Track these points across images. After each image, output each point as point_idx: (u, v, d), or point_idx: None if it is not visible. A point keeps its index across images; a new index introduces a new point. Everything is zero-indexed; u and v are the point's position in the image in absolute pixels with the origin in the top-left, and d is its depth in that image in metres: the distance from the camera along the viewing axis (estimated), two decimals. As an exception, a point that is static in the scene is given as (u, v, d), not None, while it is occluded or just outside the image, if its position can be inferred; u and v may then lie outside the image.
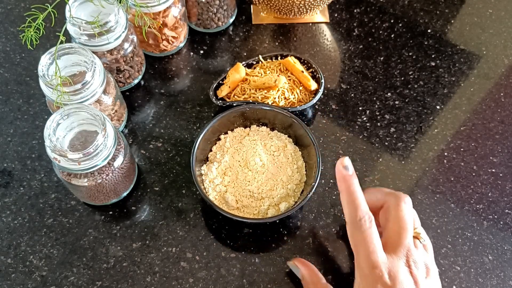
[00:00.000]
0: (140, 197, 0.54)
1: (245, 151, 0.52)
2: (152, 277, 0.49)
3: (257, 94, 0.56)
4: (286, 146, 0.54)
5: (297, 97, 0.57)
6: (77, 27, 0.51)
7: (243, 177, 0.51)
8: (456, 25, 0.67)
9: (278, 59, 0.60)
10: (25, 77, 0.62)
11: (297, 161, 0.53)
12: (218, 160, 0.53)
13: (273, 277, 0.50)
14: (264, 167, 0.51)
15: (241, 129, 0.55)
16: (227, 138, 0.54)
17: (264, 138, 0.54)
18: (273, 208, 0.50)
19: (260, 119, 0.55)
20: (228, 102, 0.57)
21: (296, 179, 0.52)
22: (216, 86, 0.58)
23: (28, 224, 0.52)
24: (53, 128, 0.45)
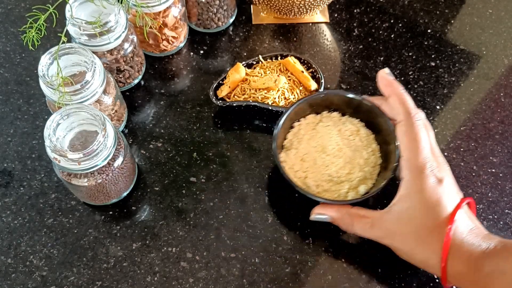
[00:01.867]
0: (140, 197, 0.54)
1: (320, 137, 0.53)
2: (152, 277, 0.49)
3: (257, 94, 0.56)
4: (359, 130, 0.54)
5: (297, 97, 0.57)
6: (77, 27, 0.51)
7: (321, 162, 0.51)
8: (456, 25, 0.67)
9: (278, 59, 0.60)
10: (25, 77, 0.62)
11: (371, 144, 0.53)
12: (295, 147, 0.53)
13: (273, 277, 0.50)
14: (341, 151, 0.52)
15: (313, 116, 0.56)
16: (301, 126, 0.55)
17: (337, 123, 0.54)
18: (352, 191, 0.51)
19: (330, 105, 0.55)
20: (228, 102, 0.57)
21: (372, 161, 0.52)
22: (216, 86, 0.58)
23: (28, 224, 0.52)
24: (53, 128, 0.45)
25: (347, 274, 0.50)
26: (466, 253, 0.43)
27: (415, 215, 0.45)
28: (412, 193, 0.45)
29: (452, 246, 0.43)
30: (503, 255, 0.42)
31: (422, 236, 0.44)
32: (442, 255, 0.43)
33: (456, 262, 0.43)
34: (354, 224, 0.48)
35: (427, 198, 0.44)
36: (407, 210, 0.45)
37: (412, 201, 0.45)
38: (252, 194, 0.54)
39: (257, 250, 0.51)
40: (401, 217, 0.45)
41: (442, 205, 0.44)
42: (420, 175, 0.45)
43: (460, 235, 0.43)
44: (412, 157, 0.46)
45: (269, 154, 0.57)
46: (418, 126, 0.47)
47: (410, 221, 0.45)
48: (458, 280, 0.44)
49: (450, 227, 0.43)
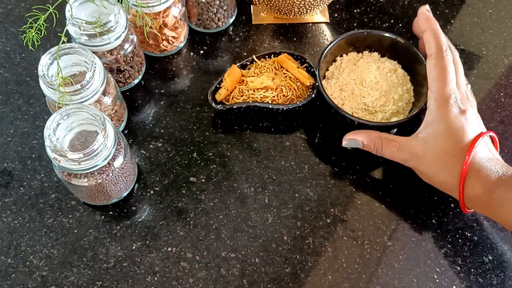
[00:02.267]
0: (140, 197, 0.54)
1: (360, 71, 0.57)
2: (152, 277, 0.49)
3: (255, 94, 0.56)
4: (396, 70, 0.58)
5: (296, 93, 0.57)
6: (77, 27, 0.51)
7: (358, 92, 0.56)
8: (456, 25, 0.67)
9: (272, 58, 0.60)
10: (25, 77, 0.62)
11: (406, 84, 0.57)
12: (336, 77, 0.58)
13: (273, 277, 0.50)
14: (378, 84, 0.55)
15: (355, 53, 0.60)
16: (343, 60, 0.59)
17: (376, 61, 0.58)
18: (385, 122, 0.55)
19: (372, 45, 0.59)
20: (228, 105, 0.57)
21: (405, 98, 0.56)
22: (214, 90, 0.58)
23: (28, 224, 0.52)
24: (53, 128, 0.45)
25: (347, 274, 0.50)
26: (484, 177, 0.46)
27: (438, 141, 0.48)
28: (436, 120, 0.49)
29: (471, 170, 0.47)
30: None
31: (444, 160, 0.48)
32: (460, 177, 0.47)
33: (473, 185, 0.47)
34: (383, 147, 0.52)
35: (450, 125, 0.48)
36: (432, 136, 0.49)
37: (436, 128, 0.49)
38: (252, 194, 0.54)
39: (257, 250, 0.51)
40: (426, 142, 0.49)
41: (464, 133, 0.48)
42: (445, 105, 0.49)
43: (479, 161, 0.47)
44: (439, 88, 0.49)
45: (269, 154, 0.57)
46: (448, 61, 0.50)
47: (434, 146, 0.49)
48: (474, 202, 0.48)
49: (470, 152, 0.47)
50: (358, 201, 0.54)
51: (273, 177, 0.55)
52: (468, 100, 0.50)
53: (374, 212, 0.53)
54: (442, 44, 0.51)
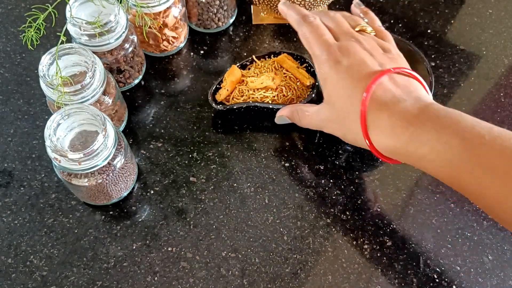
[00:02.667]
0: (140, 197, 0.54)
1: None
2: (152, 277, 0.50)
3: (255, 94, 0.56)
4: None
5: (296, 93, 0.57)
6: (77, 27, 0.51)
7: None
8: (456, 25, 0.67)
9: (272, 57, 0.60)
10: (25, 77, 0.62)
11: None
12: None
13: (273, 277, 0.50)
14: None
15: None
16: None
17: None
18: None
19: None
20: (228, 106, 0.57)
21: None
22: (214, 90, 0.58)
23: (29, 224, 0.52)
24: (53, 128, 0.45)
25: (347, 274, 0.50)
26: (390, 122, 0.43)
27: (335, 100, 0.47)
28: (323, 82, 0.48)
29: (372, 122, 0.44)
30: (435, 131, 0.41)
31: (346, 117, 0.46)
32: (362, 131, 0.45)
33: (381, 138, 0.44)
34: (300, 119, 0.52)
35: (335, 82, 0.47)
36: (328, 98, 0.48)
37: (327, 89, 0.48)
38: (252, 194, 0.54)
39: (257, 250, 0.51)
40: (328, 105, 0.48)
41: (352, 82, 0.46)
42: (323, 64, 0.48)
43: (381, 103, 0.44)
44: (312, 53, 0.49)
45: (270, 154, 0.57)
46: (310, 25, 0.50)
47: (334, 106, 0.48)
48: (394, 155, 0.45)
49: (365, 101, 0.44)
50: (358, 201, 0.54)
51: (273, 177, 0.55)
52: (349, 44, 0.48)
53: (374, 212, 0.53)
54: (302, 12, 0.52)
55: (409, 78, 0.47)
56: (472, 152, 0.40)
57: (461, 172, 0.40)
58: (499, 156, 0.39)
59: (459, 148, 0.40)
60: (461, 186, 0.42)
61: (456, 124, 0.41)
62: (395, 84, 0.45)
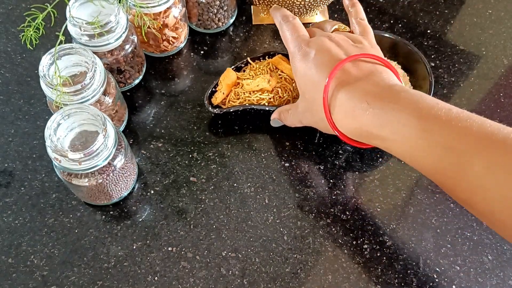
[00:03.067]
0: (140, 197, 0.54)
1: None
2: (152, 277, 0.50)
3: (251, 96, 0.56)
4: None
5: (292, 94, 0.57)
6: (77, 27, 0.51)
7: None
8: (456, 26, 0.67)
9: (266, 59, 0.60)
10: (26, 78, 0.62)
11: (406, 84, 0.58)
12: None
13: (273, 277, 0.50)
14: None
15: None
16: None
17: None
18: None
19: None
20: (224, 109, 0.56)
21: None
22: (210, 94, 0.57)
23: (29, 224, 0.52)
24: (53, 128, 0.45)
25: (347, 274, 0.50)
26: (350, 105, 0.44)
27: (305, 92, 0.49)
28: (295, 71, 0.50)
29: (334, 101, 0.45)
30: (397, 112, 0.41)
31: (312, 107, 0.48)
32: (326, 117, 0.46)
33: (344, 121, 0.45)
34: (285, 118, 0.54)
35: (303, 73, 0.48)
36: (301, 91, 0.50)
37: (298, 82, 0.50)
38: (252, 194, 0.54)
39: (258, 249, 0.51)
40: (302, 99, 0.50)
41: (316, 71, 0.47)
42: (294, 58, 0.50)
43: (343, 88, 0.45)
44: (287, 48, 0.52)
45: (270, 154, 0.57)
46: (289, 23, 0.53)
47: (305, 99, 0.49)
48: (359, 136, 0.46)
49: (326, 88, 0.45)
50: (358, 201, 0.54)
51: (273, 177, 0.55)
52: (314, 39, 0.50)
53: (374, 212, 0.53)
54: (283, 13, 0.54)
55: (376, 64, 0.47)
56: (429, 132, 0.40)
57: (420, 152, 0.41)
58: (456, 136, 0.39)
59: (417, 128, 0.40)
60: (421, 166, 0.42)
61: (415, 104, 0.41)
62: (357, 68, 0.46)
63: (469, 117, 0.40)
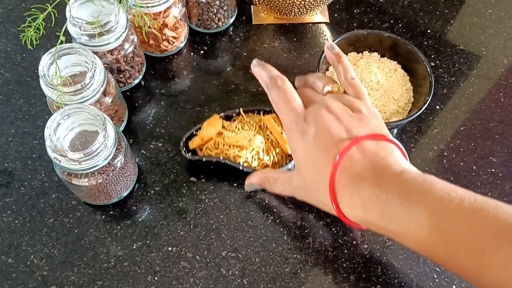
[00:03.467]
0: (140, 197, 0.54)
1: (360, 71, 0.57)
2: (152, 277, 0.50)
3: (230, 151, 0.53)
4: (396, 70, 0.58)
5: (273, 159, 0.53)
6: (77, 27, 0.51)
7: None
8: (456, 26, 0.67)
9: (261, 114, 0.56)
10: (26, 77, 0.62)
11: (406, 84, 0.57)
12: (335, 78, 0.56)
13: (273, 277, 0.50)
14: (378, 84, 0.56)
15: (354, 53, 0.60)
16: None
17: (376, 61, 0.59)
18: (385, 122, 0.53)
19: (371, 45, 0.59)
20: (197, 157, 0.53)
21: (405, 98, 0.57)
22: (189, 136, 0.55)
23: (29, 224, 0.52)
24: (53, 128, 0.45)
25: (347, 274, 0.50)
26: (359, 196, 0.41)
27: (305, 171, 0.45)
28: (293, 151, 0.46)
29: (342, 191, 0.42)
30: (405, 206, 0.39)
31: (314, 190, 0.45)
32: (333, 206, 0.43)
33: (351, 205, 0.42)
34: (271, 186, 0.50)
35: (303, 150, 0.45)
36: (299, 167, 0.46)
37: (297, 158, 0.46)
38: (252, 194, 0.54)
39: (257, 249, 0.51)
40: (299, 174, 0.46)
41: (319, 154, 0.43)
42: (292, 134, 0.46)
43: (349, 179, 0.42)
44: (282, 120, 0.47)
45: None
46: (275, 90, 0.47)
47: (305, 176, 0.46)
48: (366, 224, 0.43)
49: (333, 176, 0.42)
50: (358, 201, 0.54)
51: (273, 177, 0.55)
52: (312, 113, 0.45)
53: (374, 212, 0.53)
54: (270, 74, 0.48)
55: (380, 141, 0.44)
56: (441, 229, 0.38)
57: (432, 248, 0.39)
58: (471, 233, 0.37)
59: (428, 224, 0.38)
60: (436, 260, 0.40)
61: (424, 194, 0.39)
62: (363, 152, 0.43)
63: (483, 208, 0.37)
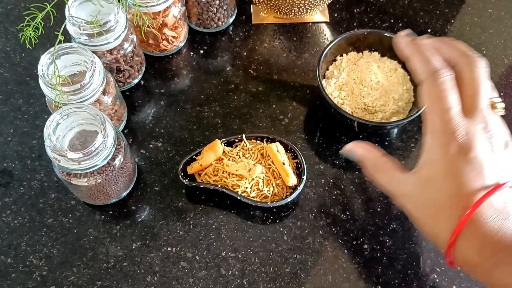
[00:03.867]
0: (140, 197, 0.54)
1: (360, 71, 0.57)
2: (152, 277, 0.49)
3: (228, 179, 0.52)
4: (397, 69, 0.58)
5: (273, 190, 0.52)
6: (77, 26, 0.51)
7: (358, 92, 0.56)
8: (456, 25, 0.67)
9: (264, 142, 0.55)
10: (25, 77, 0.62)
11: (407, 83, 0.57)
12: (335, 77, 0.58)
13: (273, 277, 0.50)
14: (378, 84, 0.56)
15: (354, 53, 0.60)
16: (343, 59, 0.59)
17: (376, 61, 0.59)
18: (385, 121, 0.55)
19: (372, 44, 0.59)
20: (195, 184, 0.52)
21: (405, 98, 0.56)
22: (188, 161, 0.53)
23: (28, 224, 0.52)
24: (53, 127, 0.45)
25: (347, 274, 0.50)
26: (484, 243, 0.38)
27: (431, 186, 0.40)
28: (430, 161, 0.40)
29: (469, 228, 0.38)
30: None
31: (436, 209, 0.40)
32: (452, 234, 0.38)
33: (468, 249, 0.38)
34: (376, 172, 0.45)
35: (447, 169, 0.39)
36: (425, 179, 0.41)
37: (430, 170, 0.40)
38: (252, 194, 0.54)
39: (257, 250, 0.51)
40: (419, 184, 0.41)
41: (462, 179, 0.38)
42: (441, 141, 0.40)
43: (486, 220, 0.38)
44: (432, 121, 0.41)
45: (269, 154, 0.57)
46: (442, 84, 0.40)
47: (427, 190, 0.41)
48: (471, 269, 0.40)
49: (474, 207, 0.37)
50: (358, 201, 0.54)
51: (273, 177, 0.55)
52: (481, 132, 0.39)
53: (374, 212, 0.53)
54: (433, 65, 0.41)
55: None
56: None
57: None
58: None
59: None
60: None
61: None
62: (502, 202, 0.39)
63: None
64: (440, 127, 0.40)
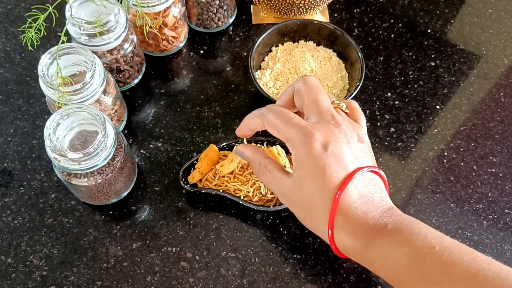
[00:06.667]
0: (140, 197, 0.54)
1: (295, 61, 0.59)
2: (152, 277, 0.49)
3: (230, 184, 0.52)
4: (331, 58, 0.60)
5: (274, 194, 0.52)
6: (77, 27, 0.51)
7: (293, 81, 0.56)
8: (456, 25, 0.67)
9: (264, 145, 0.54)
10: (25, 77, 0.62)
11: (341, 71, 0.59)
12: (270, 67, 0.59)
13: (273, 277, 0.50)
14: (312, 72, 0.58)
15: (290, 43, 0.61)
16: (278, 50, 0.61)
17: (311, 50, 0.60)
18: None
19: (308, 34, 0.61)
20: (196, 189, 0.52)
21: (340, 85, 0.58)
22: (186, 168, 0.53)
23: (28, 224, 0.52)
24: (53, 128, 0.45)
25: (347, 274, 0.50)
26: (354, 224, 0.42)
27: (303, 184, 0.43)
28: (299, 162, 0.43)
29: (339, 218, 0.42)
30: (389, 238, 0.41)
31: (311, 205, 0.43)
32: (328, 226, 0.42)
33: (344, 234, 0.42)
34: (261, 172, 0.47)
35: (313, 166, 0.42)
36: (298, 178, 0.44)
37: (300, 171, 0.43)
38: (252, 194, 0.54)
39: (257, 250, 0.51)
40: (294, 183, 0.44)
41: (328, 173, 0.42)
42: (301, 148, 0.43)
43: (352, 204, 0.42)
44: (289, 131, 0.44)
45: (269, 154, 0.57)
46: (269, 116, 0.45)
47: (301, 189, 0.44)
48: (350, 254, 0.44)
49: (338, 195, 0.41)
50: (358, 201, 0.54)
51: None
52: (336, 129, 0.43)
53: (374, 212, 0.53)
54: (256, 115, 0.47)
55: (375, 176, 0.44)
56: (419, 263, 0.40)
57: (409, 282, 0.41)
58: (444, 270, 0.39)
59: (407, 257, 0.40)
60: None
61: (408, 230, 0.41)
62: (364, 185, 0.43)
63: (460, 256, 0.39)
64: (296, 135, 0.43)
